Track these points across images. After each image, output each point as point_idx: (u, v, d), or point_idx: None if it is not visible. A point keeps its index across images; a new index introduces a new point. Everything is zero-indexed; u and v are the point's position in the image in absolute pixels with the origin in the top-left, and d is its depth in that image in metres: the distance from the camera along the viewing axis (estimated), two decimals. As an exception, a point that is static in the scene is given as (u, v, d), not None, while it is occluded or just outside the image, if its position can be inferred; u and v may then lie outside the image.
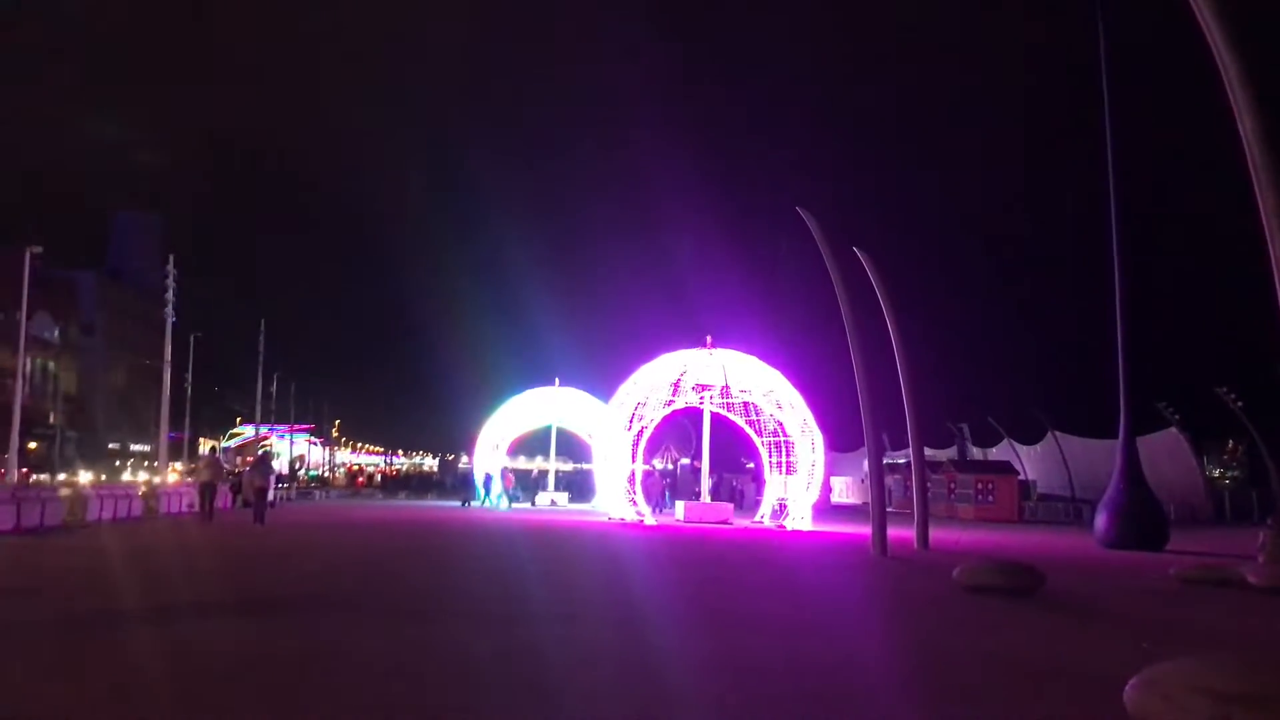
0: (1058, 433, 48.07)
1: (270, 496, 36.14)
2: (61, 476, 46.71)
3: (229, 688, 6.26)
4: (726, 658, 7.72)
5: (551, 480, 48.45)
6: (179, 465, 63.88)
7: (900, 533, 19.96)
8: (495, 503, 40.47)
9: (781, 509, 29.45)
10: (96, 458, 70.11)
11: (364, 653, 7.53)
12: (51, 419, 67.89)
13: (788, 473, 29.34)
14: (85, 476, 45.86)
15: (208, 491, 23.61)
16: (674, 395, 30.67)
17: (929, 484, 30.61)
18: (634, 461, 30.85)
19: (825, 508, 33.34)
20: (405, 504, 44.31)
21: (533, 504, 43.38)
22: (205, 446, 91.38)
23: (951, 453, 54.24)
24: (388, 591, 11.58)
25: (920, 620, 10.26)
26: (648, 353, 31.42)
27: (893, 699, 6.40)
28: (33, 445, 61.39)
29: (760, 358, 30.25)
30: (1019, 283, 64.64)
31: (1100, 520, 24.08)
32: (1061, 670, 7.47)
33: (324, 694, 6.15)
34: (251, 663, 7.08)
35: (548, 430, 44.83)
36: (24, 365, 67.22)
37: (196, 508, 24.03)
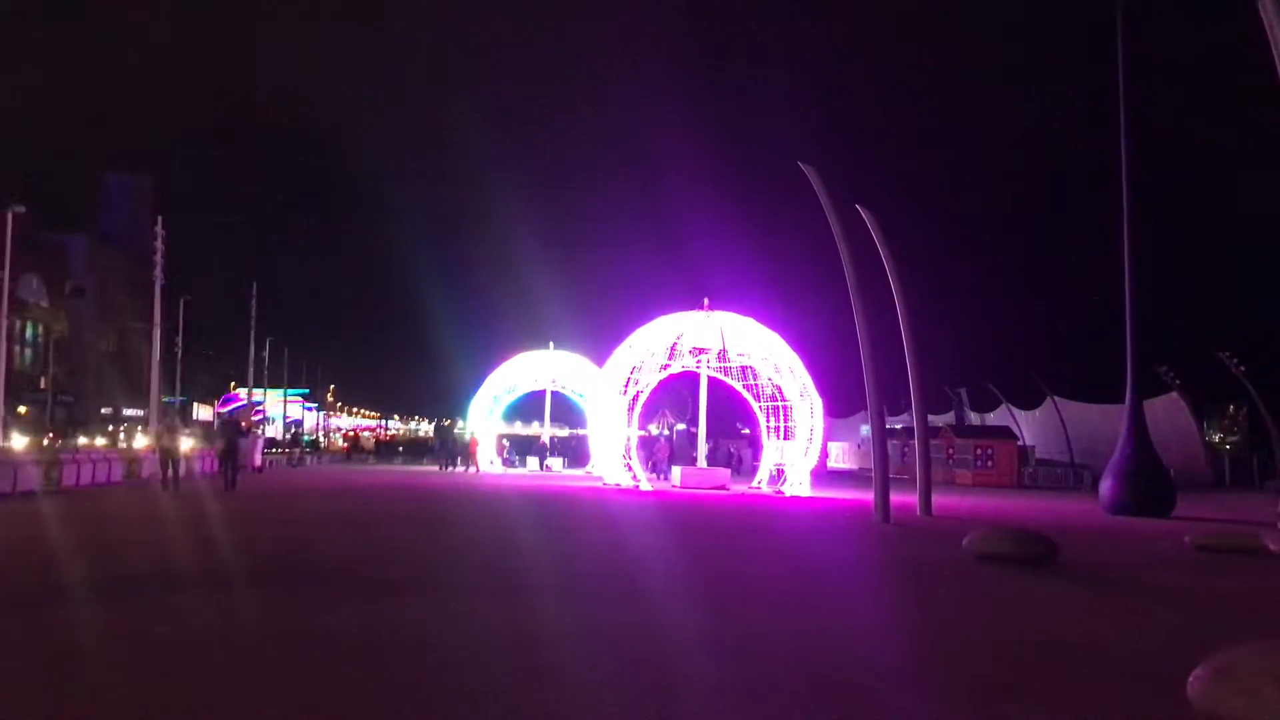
0: (1056, 398, 47.66)
1: (259, 461, 35.71)
2: (45, 442, 46.16)
3: (149, 674, 5.68)
4: (728, 636, 7.16)
5: (545, 444, 47.91)
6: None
7: (901, 498, 19.44)
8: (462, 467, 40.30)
9: (779, 474, 28.97)
10: (89, 423, 69.45)
11: (327, 633, 6.95)
12: (43, 384, 67.09)
13: (785, 438, 28.83)
14: (82, 442, 45.33)
15: (170, 458, 21.98)
16: (670, 359, 30.06)
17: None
18: (629, 426, 30.33)
19: (822, 473, 32.86)
20: (399, 469, 43.79)
21: (539, 465, 43.33)
22: (201, 411, 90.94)
23: (949, 418, 53.89)
24: (367, 563, 10.93)
25: (931, 592, 9.69)
26: (644, 315, 30.80)
27: (909, 688, 5.82)
28: (22, 410, 60.67)
29: (758, 320, 29.61)
30: (1018, 246, 63.91)
31: (1106, 486, 23.61)
32: (1095, 651, 6.91)
33: (280, 683, 5.57)
34: (177, 645, 6.49)
35: (542, 394, 44.32)
36: (14, 327, 66.61)
37: (159, 476, 22.42)
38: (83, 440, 44.39)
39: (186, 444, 23.85)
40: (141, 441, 42.25)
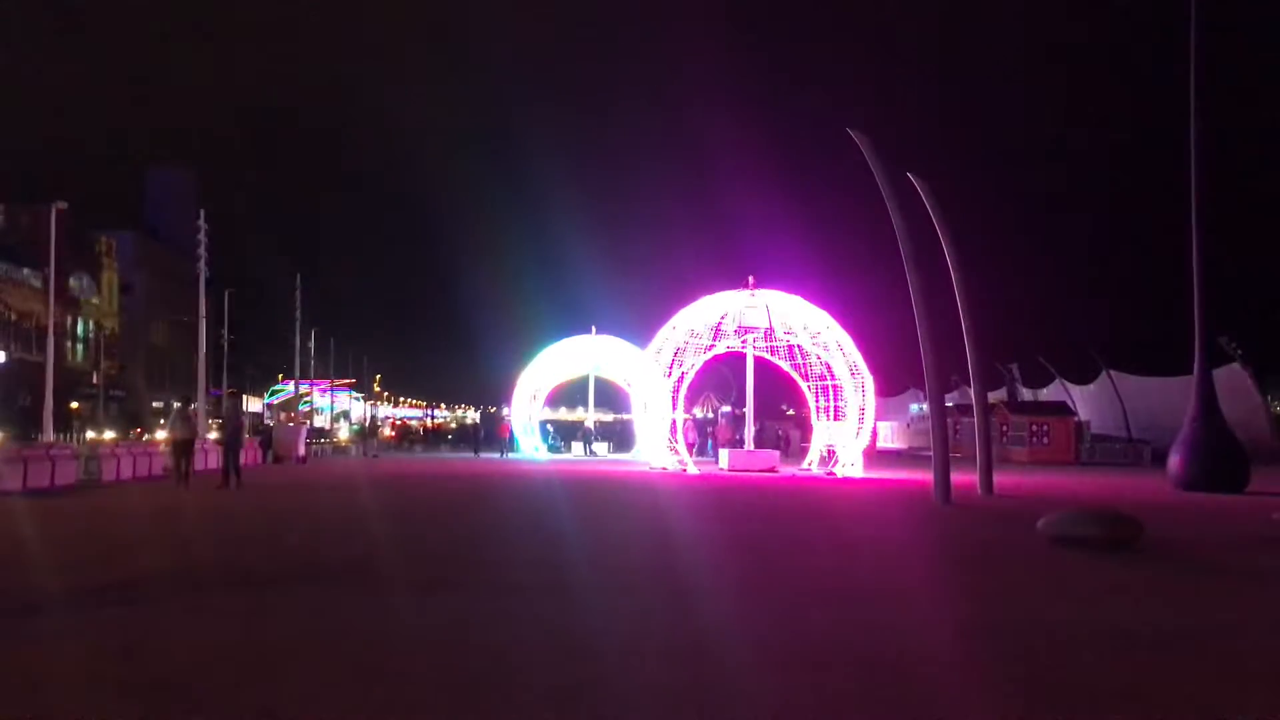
0: (1112, 371, 46.22)
1: (302, 451, 35.65)
2: (90, 435, 46.48)
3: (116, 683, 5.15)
4: (792, 638, 6.50)
5: (590, 429, 47.50)
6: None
7: (959, 477, 18.57)
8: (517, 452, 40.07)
9: (830, 455, 28.21)
10: (140, 416, 70.33)
11: (339, 635, 6.40)
12: (94, 379, 68.01)
13: (835, 418, 28.03)
14: (121, 435, 45.63)
15: (181, 451, 19.98)
16: (715, 340, 29.36)
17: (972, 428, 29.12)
18: (674, 409, 29.71)
19: (871, 453, 32.01)
20: (446, 457, 43.56)
21: (584, 450, 43.08)
22: (251, 403, 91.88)
23: (1001, 394, 52.55)
24: (399, 560, 10.32)
25: (1008, 582, 8.93)
26: (687, 296, 30.08)
27: (999, 696, 5.12)
28: (74, 405, 61.48)
29: (804, 298, 28.76)
30: (1070, 214, 62.01)
31: (1175, 460, 22.57)
32: (1210, 647, 6.17)
33: (299, 693, 5.02)
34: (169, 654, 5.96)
35: (585, 380, 43.86)
36: (66, 324, 67.60)
37: (169, 469, 20.82)
38: (136, 433, 44.63)
39: (198, 436, 22.45)
40: (213, 432, 42.56)
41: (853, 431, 27.37)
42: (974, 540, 12.48)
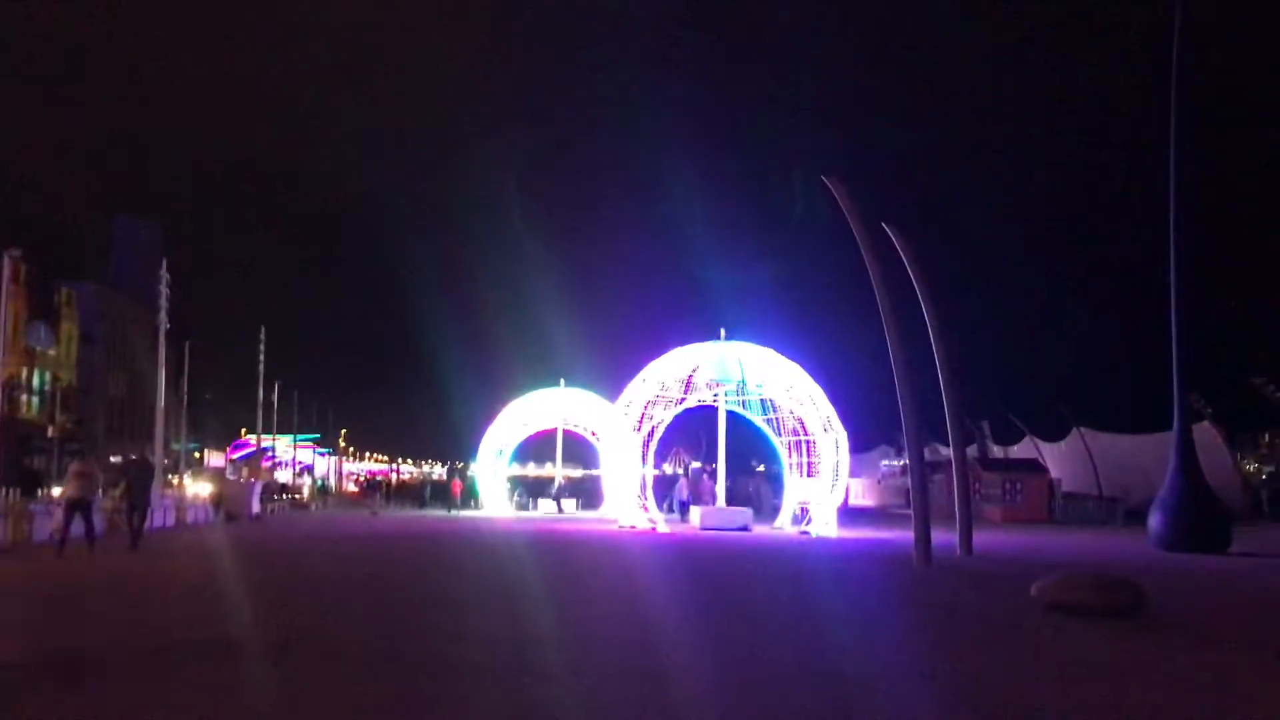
0: (1083, 429, 46.04)
1: (255, 509, 34.37)
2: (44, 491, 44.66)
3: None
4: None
5: (557, 485, 46.53)
6: (185, 476, 62.19)
7: (936, 536, 17.84)
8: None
9: (803, 514, 27.50)
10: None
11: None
12: (50, 432, 66.20)
13: (809, 474, 27.37)
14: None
15: (76, 510, 17.32)
16: (686, 393, 28.73)
17: (946, 486, 28.60)
18: (644, 465, 28.95)
19: (843, 510, 31.37)
20: (410, 514, 42.33)
21: (554, 507, 42.30)
22: (212, 458, 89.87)
23: (972, 451, 52.18)
24: (328, 634, 9.42)
25: (1006, 658, 8.19)
26: (658, 348, 29.48)
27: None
28: (27, 460, 59.64)
29: (777, 350, 28.25)
30: (1037, 270, 62.16)
31: (1155, 520, 22.08)
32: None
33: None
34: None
35: (553, 433, 43.03)
36: (21, 376, 65.88)
37: (59, 531, 17.70)
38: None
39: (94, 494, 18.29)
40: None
41: (827, 488, 26.72)
42: (963, 608, 11.76)
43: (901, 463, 55.37)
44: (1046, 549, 21.26)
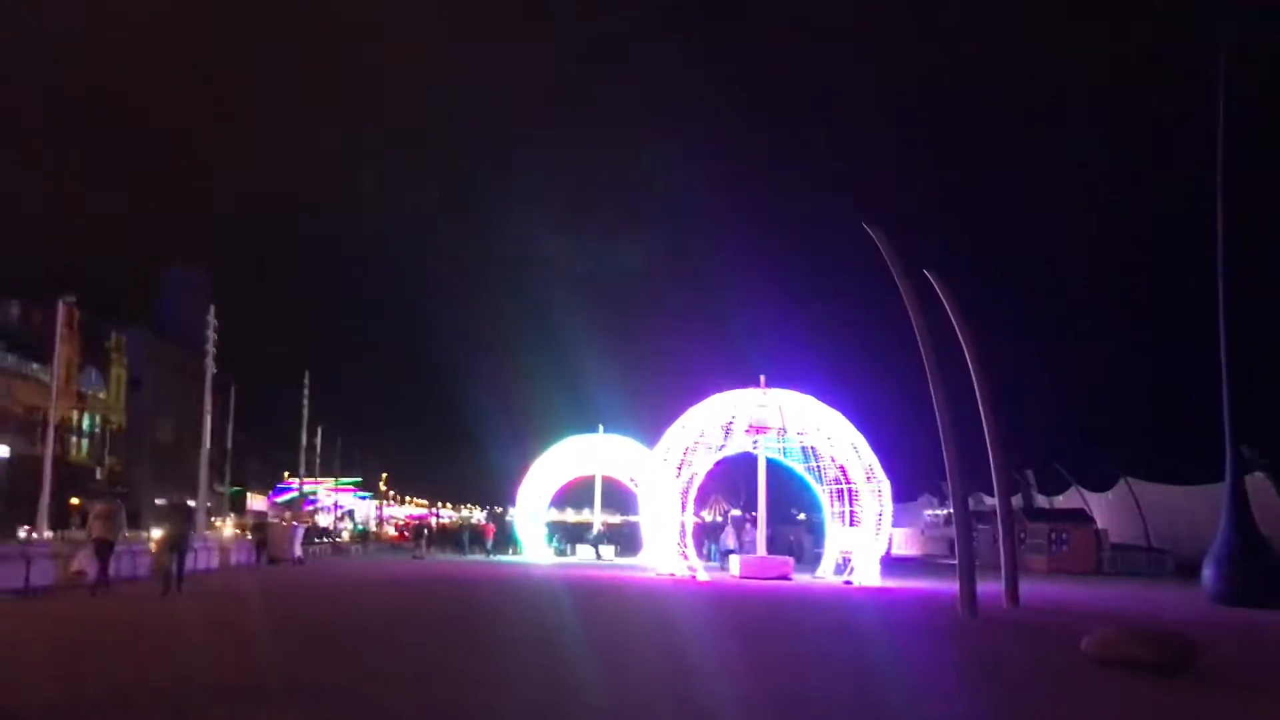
0: (1130, 479, 45.17)
1: (298, 553, 34.56)
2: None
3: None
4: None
5: (595, 531, 46.40)
6: (224, 520, 62.88)
7: (981, 587, 17.53)
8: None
9: (845, 563, 27.16)
10: (141, 514, 69.31)
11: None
12: (98, 474, 67.43)
13: (851, 523, 27.07)
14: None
15: (103, 552, 17.38)
16: (725, 440, 28.62)
17: (991, 535, 28.14)
18: (683, 512, 28.80)
19: (886, 560, 30.93)
20: (450, 559, 42.33)
21: (593, 554, 42.28)
22: (253, 501, 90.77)
23: (1017, 501, 51.42)
24: (352, 690, 9.04)
25: (1058, 715, 7.98)
26: (697, 394, 29.45)
27: None
28: (75, 501, 60.65)
29: (817, 398, 28.11)
30: (1086, 316, 61.32)
31: (1208, 573, 21.61)
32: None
33: None
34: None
35: (591, 480, 43.00)
36: (74, 418, 67.30)
37: (86, 573, 17.73)
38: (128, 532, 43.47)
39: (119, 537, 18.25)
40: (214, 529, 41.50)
41: (870, 537, 26.40)
42: (1011, 661, 11.51)
43: (945, 512, 54.66)
44: (1094, 601, 20.81)
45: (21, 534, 36.44)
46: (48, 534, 37.23)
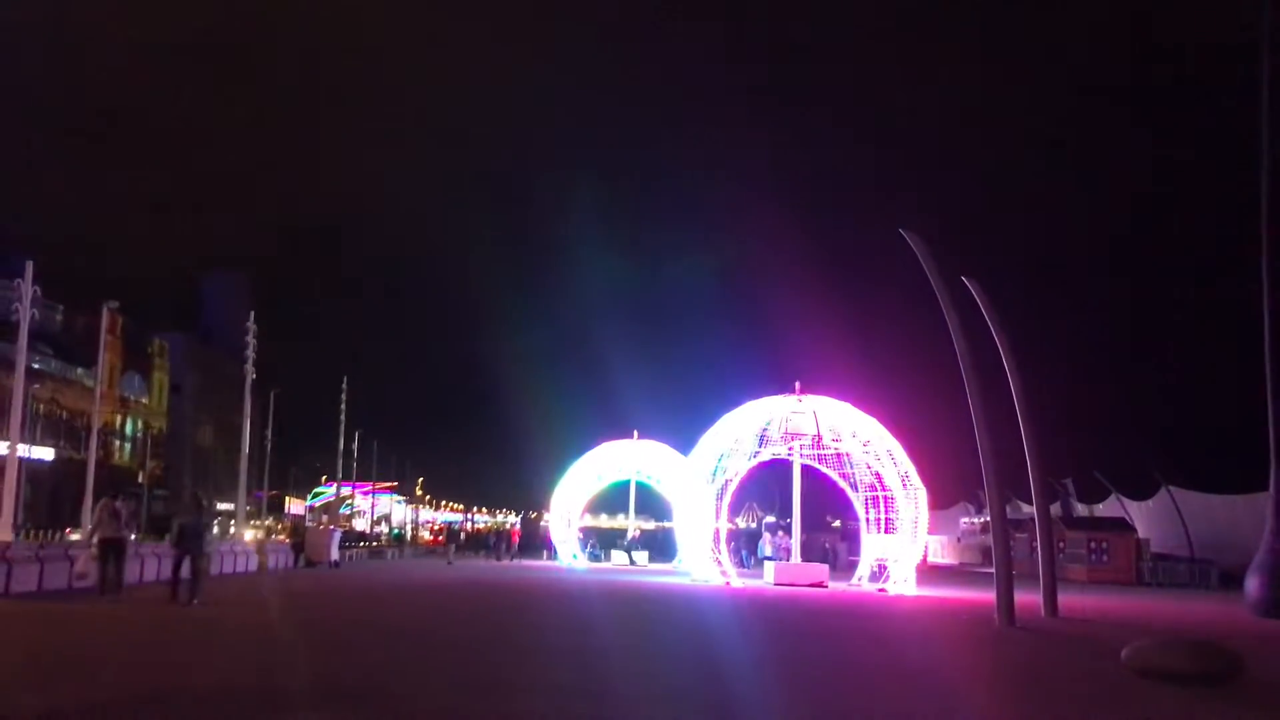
0: (1172, 488, 44.39)
1: (335, 556, 34.88)
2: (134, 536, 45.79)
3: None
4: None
5: (629, 537, 46.45)
6: (261, 523, 63.67)
7: (1019, 597, 17.33)
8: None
9: (880, 570, 26.96)
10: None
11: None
12: (140, 478, 68.50)
13: (886, 531, 26.87)
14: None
15: (110, 553, 16.40)
16: (760, 446, 28.54)
17: (1029, 544, 27.72)
18: (718, 518, 28.74)
19: (923, 568, 30.66)
20: (483, 563, 42.56)
21: (627, 559, 42.32)
22: (291, 505, 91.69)
23: (1055, 509, 50.65)
24: (383, 690, 9.34)
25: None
26: (732, 401, 29.40)
27: None
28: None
29: (853, 404, 27.95)
30: (1127, 321, 60.34)
31: (1252, 584, 21.19)
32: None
33: None
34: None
35: (626, 485, 43.03)
36: (117, 423, 68.48)
37: (94, 577, 16.47)
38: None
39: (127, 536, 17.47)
40: (249, 531, 42.08)
41: (905, 545, 26.20)
42: (1050, 672, 11.38)
43: (982, 520, 54.03)
44: (1135, 611, 20.51)
45: (73, 537, 37.05)
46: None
